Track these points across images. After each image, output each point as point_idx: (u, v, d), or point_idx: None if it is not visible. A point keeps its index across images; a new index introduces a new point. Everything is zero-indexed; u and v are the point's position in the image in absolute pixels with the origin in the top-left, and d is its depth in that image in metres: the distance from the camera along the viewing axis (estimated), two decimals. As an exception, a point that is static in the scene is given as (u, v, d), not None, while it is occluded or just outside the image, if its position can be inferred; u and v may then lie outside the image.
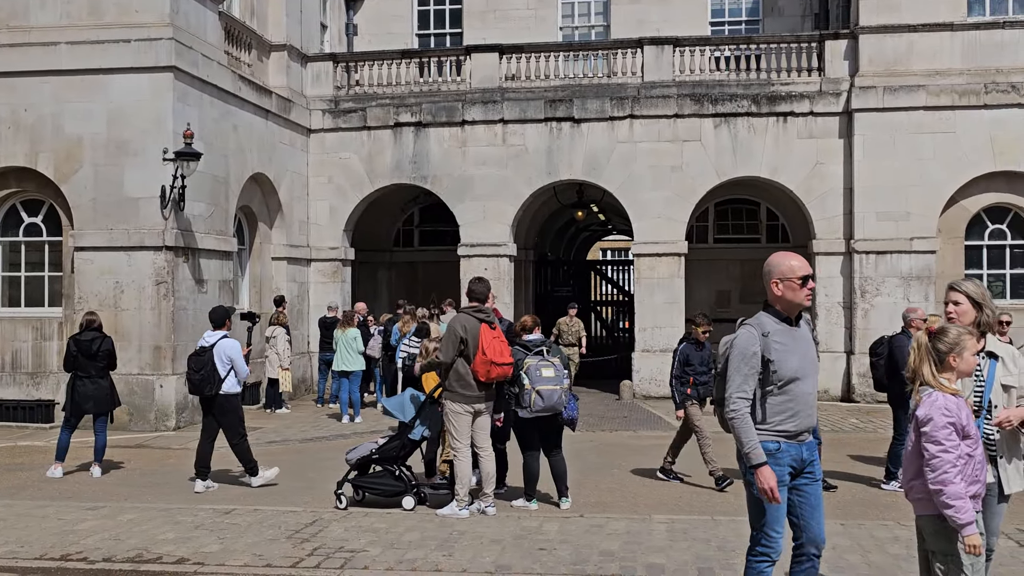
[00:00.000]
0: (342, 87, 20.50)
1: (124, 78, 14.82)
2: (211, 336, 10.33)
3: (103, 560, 7.02)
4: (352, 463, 9.26)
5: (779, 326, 4.99)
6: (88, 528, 8.00)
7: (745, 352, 4.93)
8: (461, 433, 8.66)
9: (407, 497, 9.00)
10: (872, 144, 17.93)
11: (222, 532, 7.88)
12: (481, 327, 8.63)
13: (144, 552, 7.23)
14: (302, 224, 19.85)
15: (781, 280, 4.98)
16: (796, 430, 5.00)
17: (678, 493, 9.97)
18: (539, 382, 8.77)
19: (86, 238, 14.87)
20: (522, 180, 19.37)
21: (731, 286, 22.34)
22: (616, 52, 19.71)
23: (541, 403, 8.75)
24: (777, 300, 5.03)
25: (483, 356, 8.51)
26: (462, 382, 8.61)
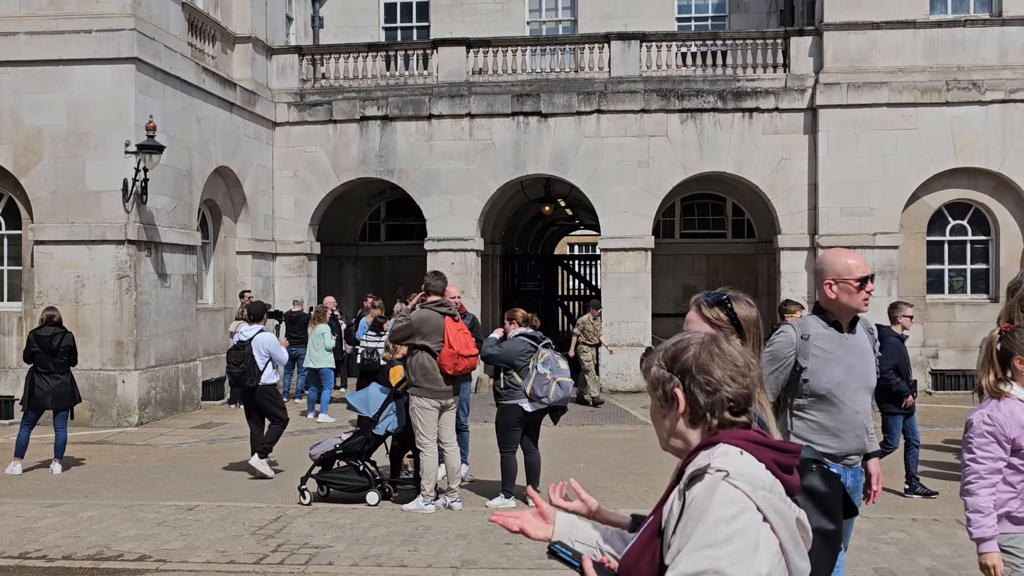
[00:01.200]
0: (308, 80, 20.35)
1: (85, 69, 14.60)
2: (249, 330, 10.66)
3: (63, 558, 6.92)
4: (316, 459, 9.21)
5: (825, 331, 4.35)
6: (48, 526, 7.88)
7: (776, 353, 4.35)
8: (428, 428, 8.63)
9: (371, 492, 8.97)
10: (836, 140, 18.09)
11: (185, 529, 7.79)
12: (445, 320, 8.61)
13: (105, 550, 7.14)
14: (267, 218, 19.68)
15: (836, 281, 4.31)
16: (840, 451, 4.34)
17: (645, 487, 10.00)
18: (559, 373, 8.80)
19: (46, 232, 14.65)
20: (489, 174, 19.34)
21: (697, 281, 22.43)
22: (583, 47, 19.72)
23: (561, 392, 8.79)
24: (830, 304, 4.36)
25: (450, 349, 8.50)
26: (429, 377, 8.57)
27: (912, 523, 8.12)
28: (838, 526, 2.45)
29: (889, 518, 8.36)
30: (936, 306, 18.24)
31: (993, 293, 18.16)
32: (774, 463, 2.10)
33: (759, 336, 2.87)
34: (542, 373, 8.75)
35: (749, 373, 2.20)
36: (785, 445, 2.19)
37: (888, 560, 7.03)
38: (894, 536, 7.70)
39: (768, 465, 2.08)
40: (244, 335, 10.60)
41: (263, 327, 10.84)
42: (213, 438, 13.31)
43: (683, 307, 14.03)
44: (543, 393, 8.76)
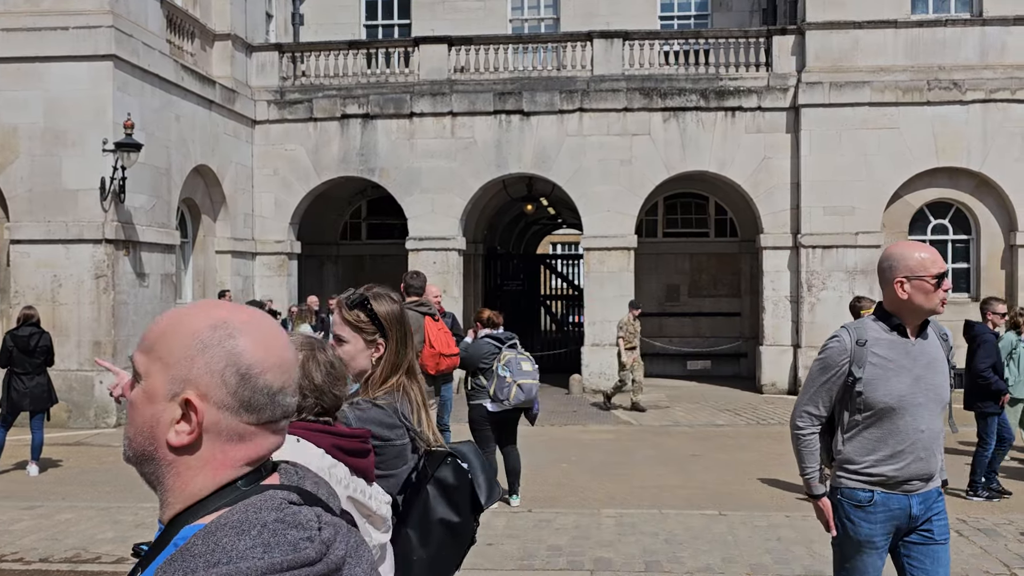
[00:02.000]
0: (288, 78, 20.20)
1: (62, 66, 14.42)
2: None
3: (39, 560, 6.80)
4: None
5: (887, 336, 3.79)
6: (24, 528, 7.75)
7: (828, 362, 3.84)
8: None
9: None
10: (818, 139, 18.11)
11: (162, 531, 7.68)
12: (425, 320, 8.54)
13: (82, 552, 7.02)
14: (247, 217, 19.53)
15: (909, 278, 3.72)
16: (899, 476, 3.77)
17: (627, 487, 9.95)
18: (520, 375, 8.66)
19: (22, 230, 14.47)
20: (471, 173, 19.26)
21: (680, 280, 22.45)
22: (566, 45, 19.67)
23: (521, 396, 8.63)
24: (900, 306, 3.77)
25: (431, 349, 8.45)
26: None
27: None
28: (464, 519, 2.62)
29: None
30: (917, 305, 18.28)
31: (974, 292, 18.23)
32: (334, 447, 2.28)
33: (404, 332, 2.83)
34: (502, 376, 8.65)
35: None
36: (348, 431, 2.38)
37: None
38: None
39: (327, 449, 2.26)
40: None
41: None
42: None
43: (667, 307, 14.24)
44: (503, 396, 8.65)
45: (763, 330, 18.76)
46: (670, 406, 16.75)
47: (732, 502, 9.16)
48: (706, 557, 6.99)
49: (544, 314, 26.00)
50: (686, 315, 22.25)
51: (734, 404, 16.97)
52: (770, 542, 7.44)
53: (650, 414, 15.73)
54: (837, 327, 14.49)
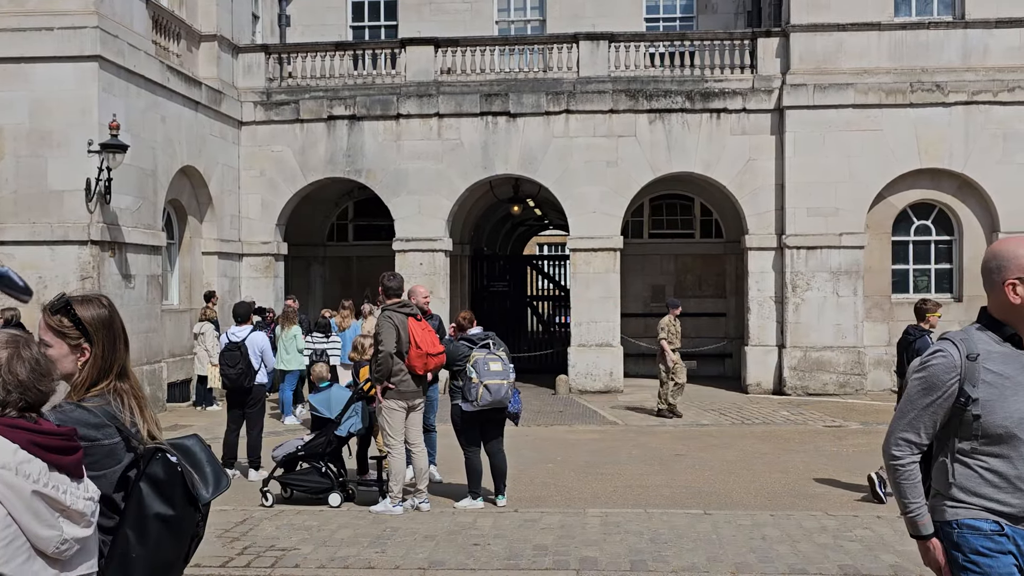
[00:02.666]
0: (274, 79, 20.19)
1: (47, 67, 14.38)
2: (240, 331, 10.65)
3: None
4: (278, 460, 9.16)
5: (999, 348, 3.26)
6: None
7: (933, 381, 3.28)
8: (395, 430, 8.59)
9: (334, 494, 8.94)
10: (803, 141, 18.22)
11: (148, 532, 7.68)
12: (409, 321, 8.59)
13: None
14: (233, 218, 19.50)
15: (1022, 280, 3.22)
16: (1015, 511, 3.24)
17: (612, 487, 10.01)
18: (487, 376, 8.69)
19: (7, 232, 14.41)
20: (458, 174, 19.29)
21: (666, 280, 22.51)
22: (552, 47, 19.72)
23: (488, 397, 8.65)
24: (1010, 312, 3.26)
25: (417, 349, 8.49)
26: (396, 378, 8.53)
27: (876, 520, 8.17)
28: (179, 513, 2.67)
29: (853, 515, 8.42)
30: (901, 306, 18.39)
31: (957, 292, 18.38)
32: (31, 443, 2.39)
33: (113, 336, 2.86)
34: (469, 377, 8.71)
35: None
36: (50, 428, 2.47)
37: (852, 557, 7.08)
38: (858, 534, 7.75)
39: (23, 444, 2.37)
40: (236, 336, 10.59)
41: (253, 327, 10.87)
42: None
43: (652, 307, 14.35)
44: (472, 397, 8.70)
45: (748, 330, 18.86)
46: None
47: (716, 501, 9.23)
48: (691, 556, 7.05)
49: (531, 315, 26.04)
50: (672, 316, 22.28)
51: (719, 404, 17.06)
52: (754, 541, 7.50)
53: (635, 414, 15.80)
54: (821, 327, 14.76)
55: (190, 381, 17.28)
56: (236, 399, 10.68)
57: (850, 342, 18.07)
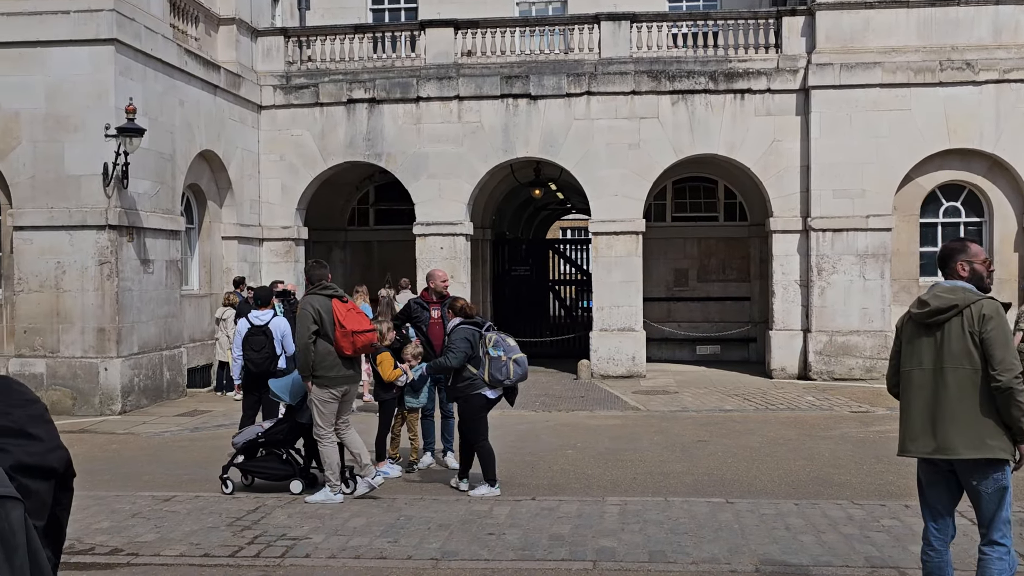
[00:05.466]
0: (294, 62, 20.04)
1: (63, 51, 14.30)
2: (263, 315, 10.61)
3: (31, 552, 6.70)
4: (238, 447, 9.04)
5: None
6: (19, 518, 7.66)
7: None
8: (326, 419, 8.37)
9: (295, 481, 8.77)
10: (829, 121, 17.86)
11: (160, 520, 7.59)
12: (332, 302, 8.40)
13: (76, 543, 6.93)
14: (253, 203, 19.41)
15: None
16: None
17: (632, 474, 9.82)
18: (512, 351, 8.71)
19: (25, 217, 14.38)
20: (478, 158, 19.09)
21: (689, 264, 22.25)
22: (573, 28, 19.43)
23: (520, 371, 8.69)
24: None
25: (342, 329, 8.28)
26: (325, 364, 8.29)
27: (904, 510, 7.94)
28: None
29: (881, 504, 8.19)
30: (929, 289, 18.05)
31: (987, 275, 17.97)
32: None
33: None
34: (496, 356, 8.62)
35: None
36: None
37: (879, 548, 6.86)
38: (886, 524, 7.53)
39: None
40: (259, 320, 10.53)
41: (274, 311, 10.82)
42: (197, 426, 13.11)
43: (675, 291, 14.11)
44: (503, 376, 8.63)
45: (773, 315, 18.57)
46: (679, 391, 16.60)
47: (739, 489, 9.02)
48: (711, 547, 6.86)
49: (553, 299, 25.84)
50: (695, 300, 22.06)
51: (743, 389, 16.81)
52: (777, 531, 7.30)
53: (658, 399, 15.60)
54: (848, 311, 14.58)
55: (211, 367, 17.23)
56: (256, 384, 10.55)
57: (877, 326, 17.75)
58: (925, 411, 4.68)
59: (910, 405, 4.80)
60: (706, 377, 18.63)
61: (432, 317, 9.98)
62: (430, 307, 10.06)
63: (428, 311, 10.03)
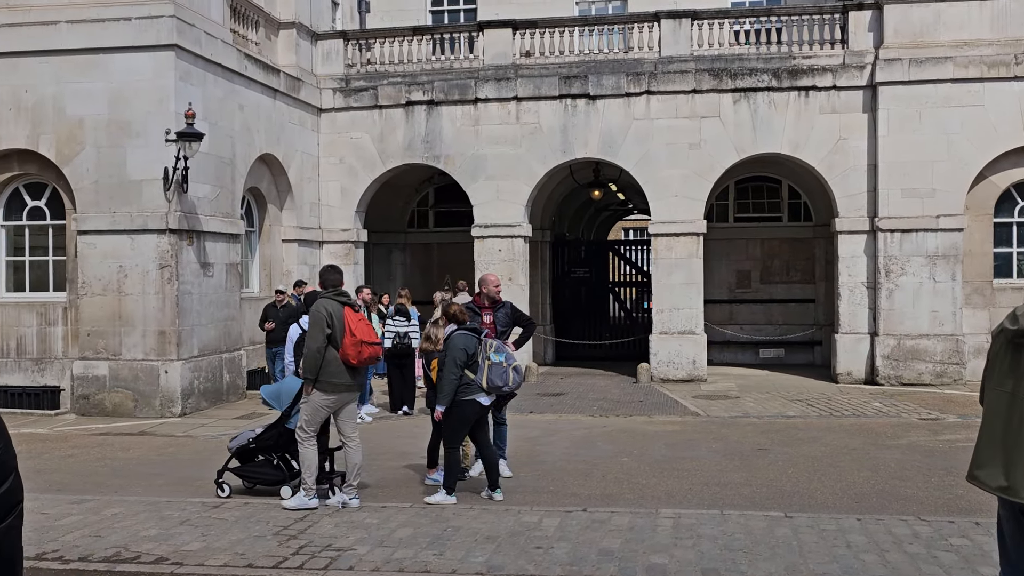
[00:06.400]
0: (353, 65, 20.10)
1: (125, 57, 14.50)
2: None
3: (78, 559, 6.72)
4: (232, 452, 9.11)
5: None
6: (71, 523, 7.72)
7: None
8: (312, 425, 8.32)
9: (285, 486, 8.77)
10: (897, 118, 17.32)
11: (207, 528, 7.57)
12: (344, 310, 8.34)
13: (123, 551, 6.93)
14: (313, 205, 19.51)
15: None
16: None
17: (688, 484, 9.56)
18: (512, 358, 8.78)
19: (89, 221, 14.61)
20: (536, 159, 18.92)
21: (752, 266, 21.81)
22: (632, 26, 19.17)
23: (518, 379, 8.77)
24: None
25: (352, 337, 8.18)
26: (329, 370, 8.21)
27: (975, 527, 7.57)
28: None
29: (949, 521, 7.82)
30: (1004, 291, 17.41)
31: (1065, 277, 17.28)
32: None
33: None
34: (497, 362, 8.62)
35: None
36: None
37: (947, 570, 6.52)
38: (955, 543, 7.18)
39: None
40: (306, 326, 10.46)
41: None
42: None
43: (737, 293, 13.82)
44: (502, 382, 8.63)
45: (838, 317, 18.07)
46: (740, 396, 16.24)
47: (798, 502, 8.72)
48: (767, 565, 6.59)
49: (612, 301, 25.55)
50: (758, 302, 21.62)
51: (807, 394, 16.38)
52: (838, 548, 6.99)
53: (718, 404, 15.27)
54: (917, 314, 14.11)
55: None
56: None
57: (948, 330, 17.15)
58: (999, 439, 4.12)
59: (984, 428, 4.27)
60: (769, 381, 18.22)
61: (484, 322, 9.84)
62: (482, 312, 9.92)
63: (480, 316, 9.90)
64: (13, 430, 13.11)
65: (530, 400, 16.05)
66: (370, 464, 10.65)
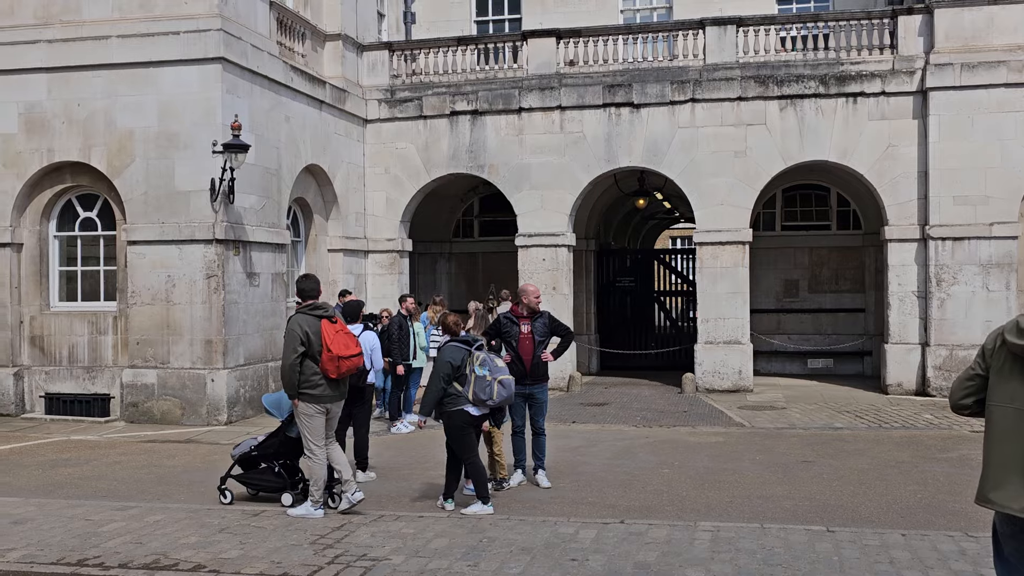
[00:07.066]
0: (398, 76, 20.24)
1: (174, 70, 14.74)
2: (353, 330, 10.56)
3: (118, 566, 6.81)
4: (235, 459, 9.29)
5: None
6: (113, 530, 7.83)
7: None
8: (316, 435, 8.43)
9: (286, 494, 8.92)
10: (948, 124, 17.00)
11: (246, 536, 7.63)
12: (322, 323, 8.39)
13: (162, 558, 7.01)
14: (359, 215, 19.66)
15: None
16: None
17: (729, 496, 9.44)
18: (499, 372, 8.73)
19: (138, 232, 14.86)
20: (580, 168, 18.88)
21: (799, 275, 21.53)
22: (677, 34, 19.06)
23: (504, 392, 8.70)
24: None
25: (328, 353, 8.28)
26: (310, 383, 8.32)
27: None
28: None
29: None
30: (1060, 301, 16.98)
31: (1125, 286, 16.80)
32: None
33: None
34: (481, 375, 8.62)
35: None
36: None
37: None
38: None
39: None
40: None
41: (363, 327, 10.87)
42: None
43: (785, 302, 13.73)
44: (486, 396, 8.61)
45: (888, 327, 17.75)
46: (786, 407, 16.02)
47: (841, 516, 8.56)
48: (806, 579, 6.48)
49: (658, 310, 25.39)
50: (806, 311, 21.32)
51: (855, 405, 16.10)
52: (880, 564, 6.85)
53: (764, 415, 15.07)
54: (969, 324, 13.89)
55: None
56: (347, 399, 10.58)
57: (1002, 340, 16.73)
58: (1015, 458, 3.95)
59: (993, 448, 4.05)
60: (817, 392, 17.95)
61: (522, 332, 9.84)
62: (520, 322, 9.92)
63: (518, 326, 9.89)
64: (64, 437, 13.40)
65: (573, 410, 15.99)
66: (409, 473, 10.71)
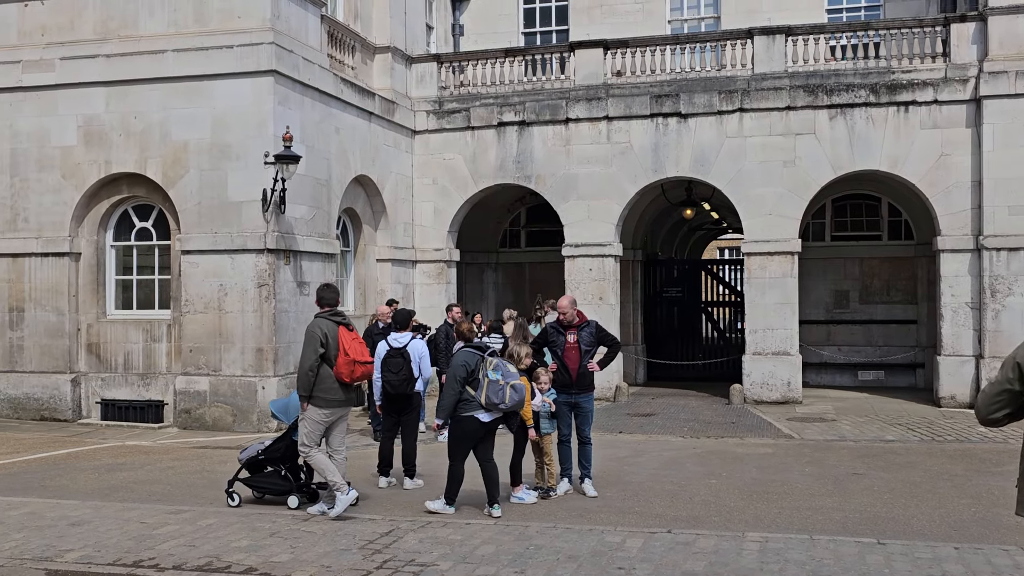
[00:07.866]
0: (446, 87, 20.42)
1: (227, 83, 15.02)
2: (402, 337, 10.79)
3: (173, 568, 6.95)
4: (242, 463, 9.47)
5: None
6: (167, 533, 7.99)
7: None
8: (312, 438, 8.73)
9: (292, 496, 9.15)
10: (1003, 133, 16.75)
11: (296, 540, 7.74)
12: (339, 329, 8.74)
13: (215, 560, 7.14)
14: (407, 226, 19.84)
15: None
16: None
17: (778, 508, 9.37)
18: (511, 377, 8.84)
19: (192, 241, 15.14)
20: (627, 178, 18.88)
21: (850, 286, 21.30)
22: (725, 44, 19.01)
23: (516, 397, 8.79)
24: None
25: (345, 356, 8.60)
26: (323, 386, 8.62)
27: (1080, 559, 7.23)
28: None
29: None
30: (1120, 312, 16.60)
31: None
32: None
33: None
34: (494, 380, 8.74)
35: None
36: None
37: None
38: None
39: None
40: (398, 342, 10.66)
41: (411, 335, 10.96)
42: (348, 445, 13.37)
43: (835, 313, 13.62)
44: (499, 400, 8.72)
45: (941, 339, 17.49)
46: (836, 419, 15.84)
47: (893, 528, 8.46)
48: (855, 591, 6.42)
49: (705, 321, 25.24)
50: (856, 323, 21.08)
51: (907, 418, 15.88)
52: (931, 577, 6.76)
53: (813, 427, 14.92)
54: None
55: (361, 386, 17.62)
56: (394, 406, 10.69)
57: (1059, 353, 16.41)
58: None
59: None
60: (867, 404, 17.73)
61: (568, 341, 9.87)
62: (566, 332, 9.94)
63: (564, 335, 9.93)
64: (119, 442, 13.67)
65: (620, 420, 15.96)
66: (457, 481, 10.76)
